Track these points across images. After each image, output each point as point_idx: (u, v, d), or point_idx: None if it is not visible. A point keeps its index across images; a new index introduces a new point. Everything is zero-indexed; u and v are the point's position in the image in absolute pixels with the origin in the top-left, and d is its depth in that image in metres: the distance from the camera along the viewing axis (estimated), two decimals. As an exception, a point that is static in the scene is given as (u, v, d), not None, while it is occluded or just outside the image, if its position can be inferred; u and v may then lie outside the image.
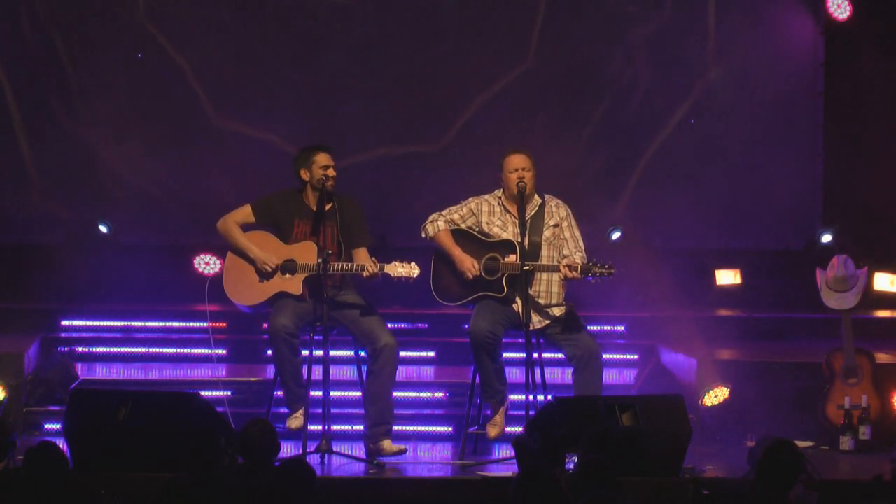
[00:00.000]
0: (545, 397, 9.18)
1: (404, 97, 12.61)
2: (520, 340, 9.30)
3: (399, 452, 9.20)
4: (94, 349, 10.98)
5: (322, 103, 12.52)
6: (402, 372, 10.14)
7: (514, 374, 9.62)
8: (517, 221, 9.34)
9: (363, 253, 9.36)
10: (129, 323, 11.33)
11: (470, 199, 9.57)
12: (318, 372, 9.15)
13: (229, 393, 10.00)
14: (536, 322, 9.36)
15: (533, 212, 9.46)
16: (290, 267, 9.34)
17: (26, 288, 11.90)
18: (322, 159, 9.38)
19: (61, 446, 7.59)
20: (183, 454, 8.14)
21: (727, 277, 12.59)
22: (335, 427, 9.51)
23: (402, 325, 11.28)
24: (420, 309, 11.18)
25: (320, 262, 9.12)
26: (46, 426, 10.01)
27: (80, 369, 10.79)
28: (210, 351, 10.36)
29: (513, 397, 9.46)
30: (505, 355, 9.42)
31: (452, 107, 12.61)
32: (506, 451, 9.38)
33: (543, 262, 9.37)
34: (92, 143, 12.35)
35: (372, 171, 12.36)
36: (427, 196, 11.48)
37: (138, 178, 12.38)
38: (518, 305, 9.30)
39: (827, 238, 12.70)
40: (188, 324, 11.28)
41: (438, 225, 9.48)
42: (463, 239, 9.44)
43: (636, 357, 11.07)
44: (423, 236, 9.55)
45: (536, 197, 9.50)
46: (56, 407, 10.04)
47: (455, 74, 12.59)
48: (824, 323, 11.13)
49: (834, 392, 9.95)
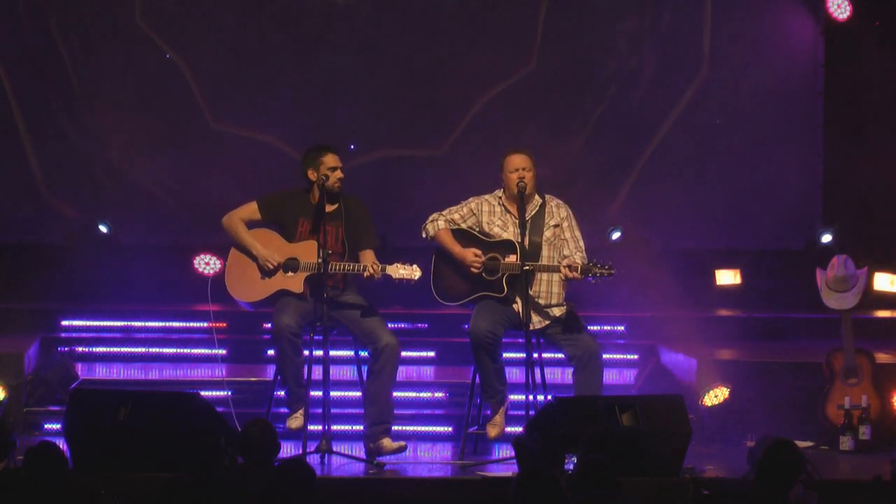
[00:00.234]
0: (545, 397, 9.17)
1: (404, 97, 12.60)
2: (520, 340, 9.30)
3: (399, 449, 9.18)
4: (94, 349, 10.97)
5: (322, 103, 12.51)
6: (403, 372, 10.12)
7: (514, 374, 9.62)
8: (517, 221, 9.33)
9: (370, 255, 9.31)
10: (129, 323, 11.32)
11: (470, 199, 9.56)
12: (319, 372, 9.14)
13: (230, 393, 10.00)
14: (536, 322, 9.35)
15: (533, 212, 9.45)
16: (293, 265, 9.32)
17: (26, 288, 11.89)
18: (330, 160, 9.36)
19: (61, 446, 7.59)
20: (183, 454, 8.13)
21: (727, 277, 12.59)
22: (335, 427, 9.49)
23: (403, 325, 11.26)
24: (420, 309, 11.16)
25: (320, 262, 9.12)
26: (46, 426, 10.00)
27: (80, 369, 10.78)
28: (210, 351, 10.37)
29: (513, 397, 9.45)
30: (505, 355, 9.41)
31: (452, 107, 12.60)
32: (506, 451, 9.38)
33: (544, 263, 9.36)
34: (92, 144, 12.36)
35: (372, 172, 12.34)
36: (427, 196, 11.46)
37: (138, 178, 12.38)
38: (518, 305, 9.29)
39: (827, 238, 12.69)
40: (188, 324, 11.28)
41: (439, 224, 9.47)
42: (463, 239, 9.43)
43: (636, 357, 11.07)
44: (424, 236, 9.53)
45: (537, 197, 9.49)
46: (56, 407, 10.04)
47: (455, 74, 12.58)
48: (824, 323, 11.12)
49: (834, 392, 9.94)
